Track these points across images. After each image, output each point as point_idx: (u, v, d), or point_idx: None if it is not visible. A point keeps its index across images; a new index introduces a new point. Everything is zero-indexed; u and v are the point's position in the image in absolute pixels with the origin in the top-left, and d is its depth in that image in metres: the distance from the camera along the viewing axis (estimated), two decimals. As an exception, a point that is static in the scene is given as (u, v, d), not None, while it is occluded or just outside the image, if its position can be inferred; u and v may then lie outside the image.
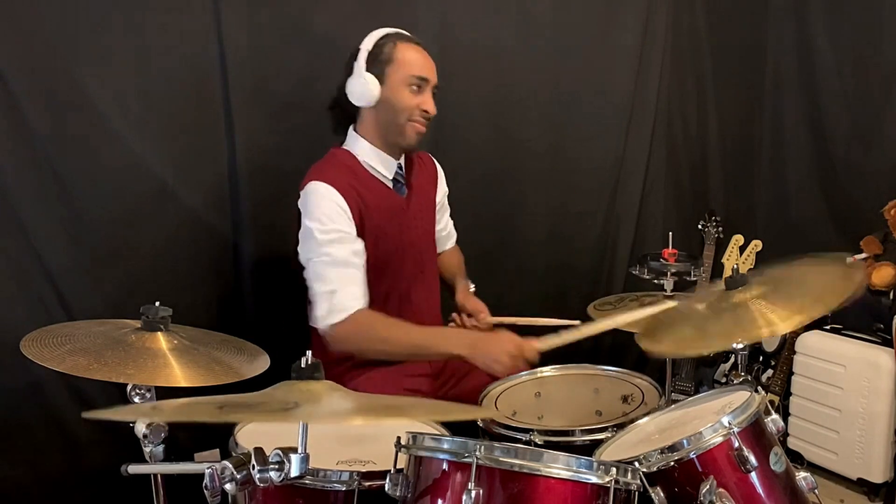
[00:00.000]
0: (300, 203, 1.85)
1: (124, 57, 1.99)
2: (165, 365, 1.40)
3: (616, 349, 2.91)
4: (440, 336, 1.86)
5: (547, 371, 1.98)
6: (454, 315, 2.09)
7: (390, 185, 1.93)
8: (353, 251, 1.80)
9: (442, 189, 2.15)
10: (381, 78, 1.84)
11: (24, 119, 1.89)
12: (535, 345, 1.74)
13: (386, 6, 2.32)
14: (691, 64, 3.07)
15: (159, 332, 1.48)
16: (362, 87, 1.83)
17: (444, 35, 2.38)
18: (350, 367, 1.91)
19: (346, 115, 1.93)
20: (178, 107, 2.08)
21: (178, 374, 1.39)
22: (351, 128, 1.93)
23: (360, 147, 1.91)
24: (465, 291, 2.14)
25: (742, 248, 3.08)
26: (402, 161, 1.96)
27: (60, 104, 1.93)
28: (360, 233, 1.84)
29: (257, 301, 2.25)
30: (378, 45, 1.84)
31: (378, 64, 1.84)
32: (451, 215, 2.22)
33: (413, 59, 1.87)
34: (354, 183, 1.85)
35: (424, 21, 2.38)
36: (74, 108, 1.95)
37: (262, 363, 1.56)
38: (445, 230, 2.20)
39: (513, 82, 2.61)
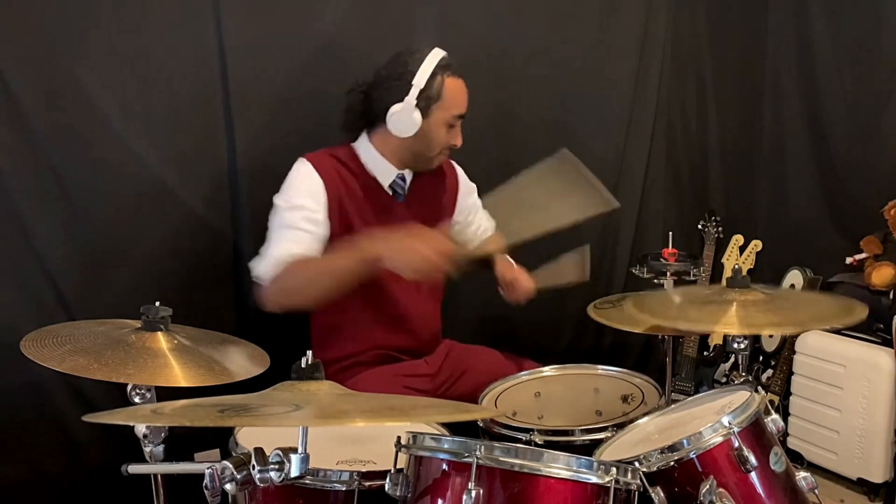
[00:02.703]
0: None
1: (124, 57, 1.99)
2: (166, 365, 1.40)
3: (616, 349, 2.92)
4: (351, 247, 1.71)
5: (547, 371, 1.98)
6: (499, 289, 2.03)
7: (388, 190, 1.93)
8: (304, 217, 1.79)
9: (468, 197, 2.14)
10: (424, 112, 1.82)
11: (24, 119, 1.89)
12: (446, 248, 1.66)
13: (385, 6, 2.31)
14: (691, 64, 3.07)
15: (159, 332, 1.48)
16: (406, 123, 1.81)
17: (443, 35, 2.38)
18: (349, 366, 1.91)
19: (364, 122, 1.92)
20: (178, 106, 2.07)
21: (179, 374, 1.39)
22: (364, 132, 1.93)
23: (366, 151, 1.91)
24: (504, 261, 2.06)
25: (742, 248, 3.08)
26: (405, 172, 1.96)
27: (60, 104, 1.93)
28: (334, 217, 1.83)
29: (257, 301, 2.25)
30: (430, 80, 1.81)
31: (425, 99, 1.82)
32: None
33: (458, 97, 1.87)
34: (342, 171, 1.86)
35: (423, 21, 2.37)
36: (74, 107, 1.94)
37: (262, 363, 1.56)
38: (481, 228, 2.19)
39: (512, 82, 2.61)
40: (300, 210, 1.80)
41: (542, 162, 1.92)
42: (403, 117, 1.81)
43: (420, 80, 1.80)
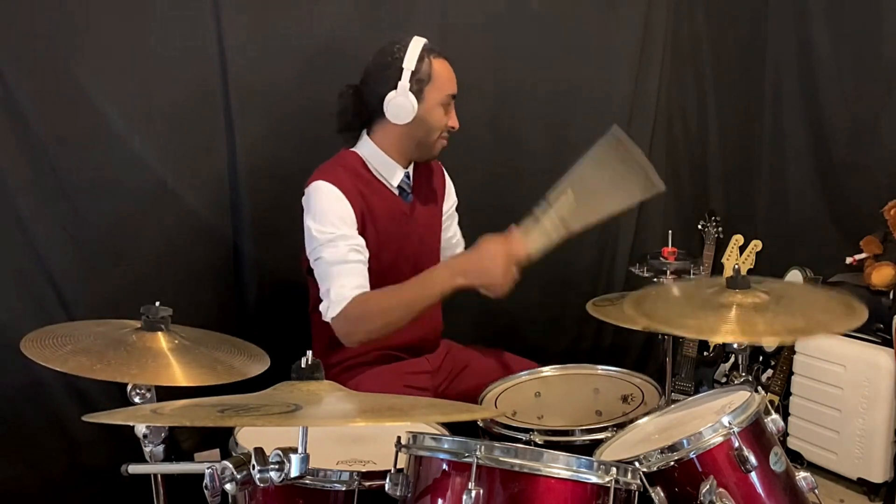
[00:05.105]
0: (304, 200, 1.85)
1: (124, 57, 1.99)
2: (167, 365, 1.40)
3: (616, 349, 2.92)
4: (429, 280, 1.79)
5: (547, 371, 1.98)
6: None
7: (395, 191, 1.93)
8: (349, 248, 1.80)
9: (451, 199, 2.15)
10: (418, 96, 1.83)
11: (24, 119, 1.89)
12: (523, 251, 1.77)
13: (385, 6, 2.31)
14: (691, 64, 3.07)
15: (160, 332, 1.48)
16: (404, 107, 1.82)
17: (443, 35, 2.38)
18: (350, 366, 1.91)
19: (361, 120, 1.92)
20: (178, 107, 2.07)
21: (180, 374, 1.39)
22: (364, 132, 1.93)
23: (371, 152, 1.91)
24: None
25: (742, 248, 3.08)
26: (410, 170, 1.96)
27: (60, 104, 1.93)
28: (362, 235, 1.83)
29: (257, 301, 2.25)
30: (419, 63, 1.83)
31: (417, 82, 1.83)
32: (452, 215, 2.21)
33: (447, 77, 1.89)
34: (359, 185, 1.86)
35: (423, 22, 2.37)
36: (74, 108, 1.94)
37: (263, 363, 1.56)
38: (455, 238, 2.20)
39: (512, 82, 2.61)
40: (343, 240, 1.79)
41: (598, 143, 1.91)
42: (400, 101, 1.82)
43: (409, 63, 1.82)
